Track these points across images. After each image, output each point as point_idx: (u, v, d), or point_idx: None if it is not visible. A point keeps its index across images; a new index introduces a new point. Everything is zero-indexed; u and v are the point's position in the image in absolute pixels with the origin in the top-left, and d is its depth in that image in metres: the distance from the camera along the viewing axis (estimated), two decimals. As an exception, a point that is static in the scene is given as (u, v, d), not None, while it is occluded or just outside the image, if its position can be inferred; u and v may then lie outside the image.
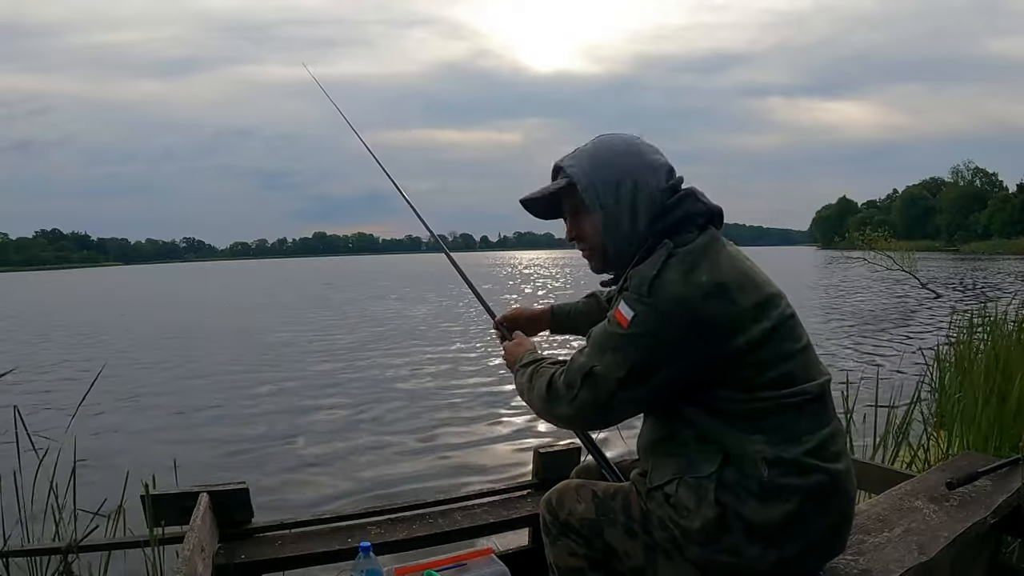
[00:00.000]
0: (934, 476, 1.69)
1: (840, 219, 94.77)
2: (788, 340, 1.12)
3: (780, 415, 1.09)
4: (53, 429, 2.48)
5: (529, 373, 1.29)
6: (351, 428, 5.40)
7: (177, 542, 1.52)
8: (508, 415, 5.62)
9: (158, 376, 8.04)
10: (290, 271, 58.04)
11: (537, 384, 1.23)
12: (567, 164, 1.22)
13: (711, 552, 1.09)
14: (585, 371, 1.13)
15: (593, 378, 1.12)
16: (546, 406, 1.21)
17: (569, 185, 1.21)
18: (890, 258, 17.49)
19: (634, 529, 1.19)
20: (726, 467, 1.08)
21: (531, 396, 1.26)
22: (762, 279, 1.15)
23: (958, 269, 29.65)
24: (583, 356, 1.16)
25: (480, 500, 1.94)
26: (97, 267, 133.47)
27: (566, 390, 1.16)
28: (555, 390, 1.18)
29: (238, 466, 4.40)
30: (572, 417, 1.18)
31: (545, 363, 1.28)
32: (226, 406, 6.33)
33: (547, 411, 1.22)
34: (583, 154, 1.23)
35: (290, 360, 9.05)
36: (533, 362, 1.32)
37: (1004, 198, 78.02)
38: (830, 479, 1.09)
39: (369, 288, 27.28)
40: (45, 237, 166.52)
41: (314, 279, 38.31)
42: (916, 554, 1.27)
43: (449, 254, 1.83)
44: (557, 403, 1.18)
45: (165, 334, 12.41)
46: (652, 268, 1.09)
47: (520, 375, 1.32)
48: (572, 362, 1.17)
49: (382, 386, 7.13)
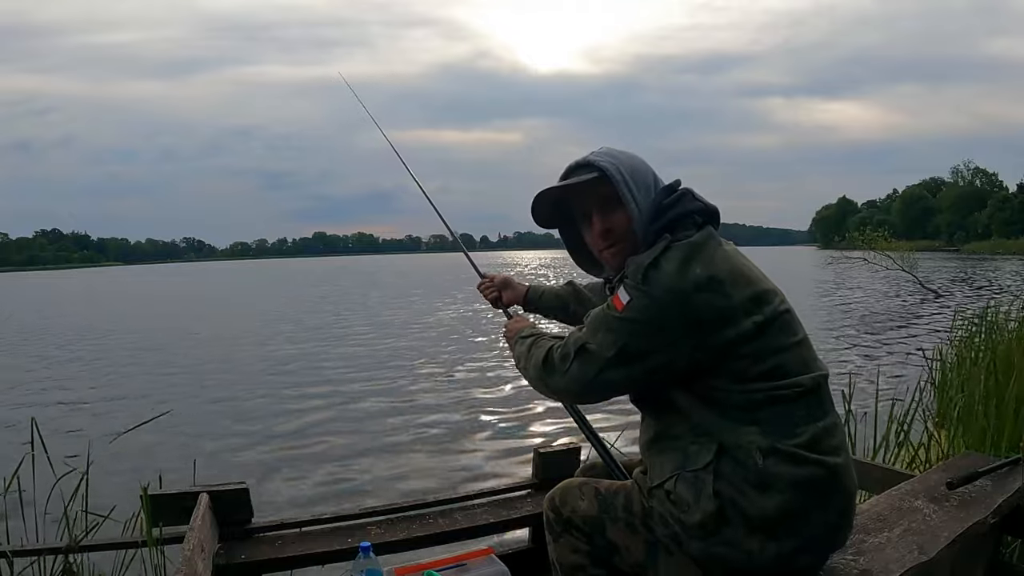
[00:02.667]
0: (934, 476, 1.69)
1: (840, 219, 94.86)
2: (782, 334, 1.13)
3: (773, 406, 1.10)
4: (55, 429, 2.48)
5: (528, 344, 1.33)
6: (351, 428, 5.40)
7: (177, 542, 1.52)
8: (508, 415, 5.62)
9: (158, 376, 8.04)
10: (294, 270, 58.04)
11: (535, 354, 1.28)
12: (595, 158, 1.23)
13: (711, 546, 1.10)
14: (579, 346, 1.17)
15: (586, 353, 1.16)
16: (540, 375, 1.26)
17: (600, 178, 1.21)
18: (890, 258, 17.50)
19: (635, 525, 1.21)
20: (722, 458, 1.10)
21: (527, 364, 1.31)
22: (756, 276, 1.17)
23: (958, 269, 29.65)
24: (579, 332, 1.20)
25: (480, 500, 1.94)
26: (97, 267, 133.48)
27: (560, 362, 1.20)
28: (550, 361, 1.23)
29: (238, 466, 4.40)
30: (563, 389, 1.22)
31: (544, 337, 1.33)
32: (226, 406, 6.33)
33: (541, 380, 1.26)
34: (603, 152, 1.25)
35: (290, 360, 9.05)
36: (532, 335, 1.36)
37: (1004, 198, 78.02)
38: (826, 472, 1.10)
39: (369, 288, 27.29)
40: (45, 237, 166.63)
41: (314, 279, 38.32)
42: (916, 554, 1.27)
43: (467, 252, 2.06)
44: (551, 374, 1.23)
45: (165, 334, 12.42)
46: (648, 257, 1.12)
47: (519, 344, 1.37)
48: (569, 337, 1.22)
49: (382, 386, 7.13)
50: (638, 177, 1.22)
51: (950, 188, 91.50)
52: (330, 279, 37.50)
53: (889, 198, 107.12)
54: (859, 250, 18.34)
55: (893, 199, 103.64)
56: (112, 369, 8.75)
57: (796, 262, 40.55)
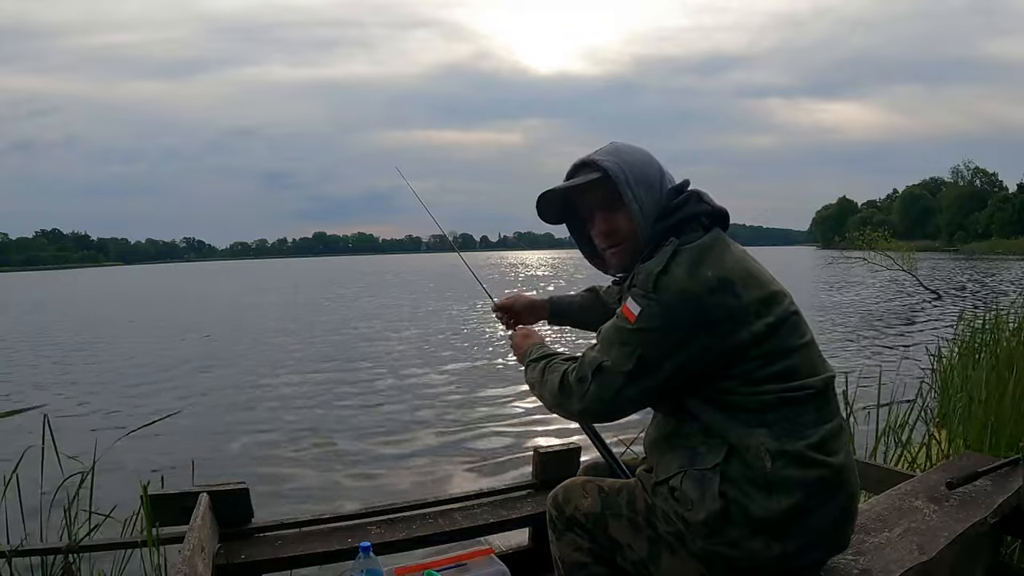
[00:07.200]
0: (934, 476, 1.69)
1: (840, 219, 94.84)
2: (791, 336, 1.13)
3: (783, 408, 1.10)
4: (55, 428, 2.48)
5: (541, 368, 1.30)
6: (351, 428, 5.40)
7: (177, 542, 1.52)
8: (508, 415, 5.62)
9: (158, 376, 8.04)
10: (295, 270, 58.03)
11: (549, 379, 1.25)
12: (599, 158, 1.22)
13: (714, 544, 1.10)
14: (595, 366, 1.15)
15: (603, 372, 1.14)
16: (558, 401, 1.22)
17: (603, 178, 1.21)
18: (890, 258, 17.49)
19: (638, 523, 1.20)
20: (730, 459, 1.09)
21: (542, 391, 1.28)
22: (766, 277, 1.16)
23: (958, 269, 29.64)
24: (593, 351, 1.18)
25: (480, 500, 1.94)
26: (97, 267, 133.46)
27: (578, 385, 1.17)
28: (567, 386, 1.20)
29: (238, 466, 4.41)
30: (583, 411, 1.19)
31: (557, 359, 1.30)
32: (226, 406, 6.33)
33: (559, 406, 1.23)
34: (607, 150, 1.24)
35: (290, 361, 9.05)
36: (544, 357, 1.33)
37: (1004, 198, 77.96)
38: (832, 474, 1.10)
39: (369, 288, 27.28)
40: (45, 237, 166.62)
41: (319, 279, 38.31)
42: (916, 554, 1.27)
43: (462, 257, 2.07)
44: (569, 399, 1.19)
45: (166, 335, 12.42)
46: (658, 264, 1.11)
47: (531, 369, 1.34)
48: (583, 358, 1.19)
49: (382, 386, 7.13)
50: (642, 175, 1.21)
51: (950, 188, 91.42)
52: (329, 280, 37.48)
53: (889, 198, 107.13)
54: (859, 250, 18.32)
55: (893, 199, 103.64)
56: (113, 370, 8.76)
57: (796, 262, 40.53)
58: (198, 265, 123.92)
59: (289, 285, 32.14)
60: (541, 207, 1.33)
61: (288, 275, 47.10)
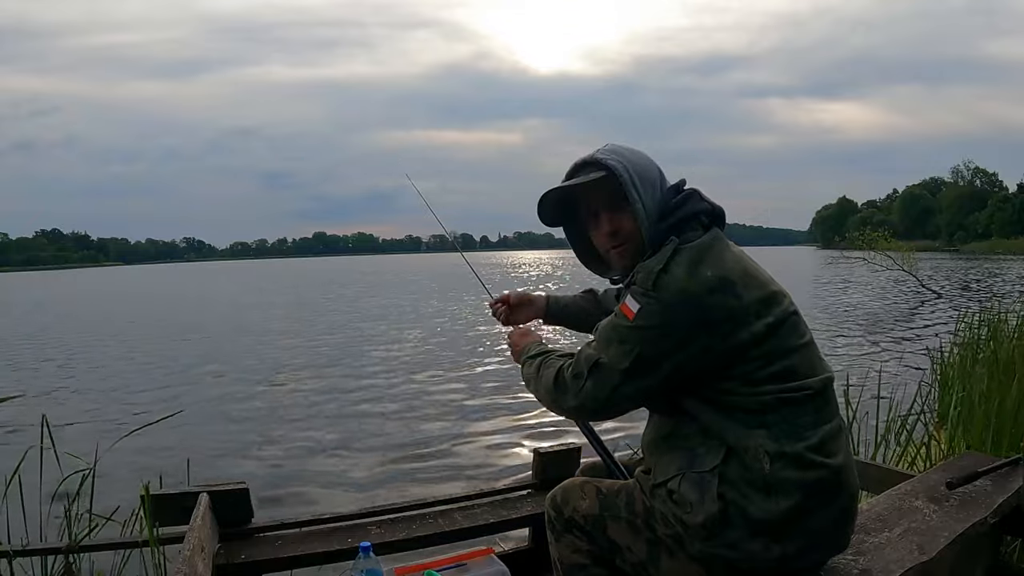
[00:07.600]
0: (934, 476, 1.69)
1: (840, 219, 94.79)
2: (790, 336, 1.13)
3: (782, 409, 1.10)
4: (55, 428, 2.48)
5: (537, 364, 1.30)
6: (351, 428, 5.40)
7: (177, 542, 1.52)
8: (508, 415, 5.61)
9: (159, 377, 8.03)
10: (295, 270, 58.01)
11: (544, 375, 1.25)
12: (602, 156, 1.21)
13: (713, 547, 1.10)
14: (592, 362, 1.14)
15: (600, 369, 1.13)
16: (553, 397, 1.22)
17: (606, 177, 1.20)
18: (890, 258, 17.49)
19: (637, 525, 1.20)
20: (729, 461, 1.09)
21: (538, 387, 1.27)
22: (765, 277, 1.16)
23: (959, 269, 29.64)
24: (590, 348, 1.17)
25: (480, 500, 1.94)
26: (97, 267, 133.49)
27: (573, 381, 1.17)
28: (562, 382, 1.19)
29: (238, 466, 4.40)
30: (578, 408, 1.19)
31: (553, 356, 1.29)
32: (227, 406, 6.32)
33: (554, 402, 1.23)
34: (608, 150, 1.23)
35: (291, 361, 9.05)
36: (540, 354, 1.32)
37: (1004, 198, 77.90)
38: (832, 475, 1.10)
39: (368, 287, 27.28)
40: (45, 237, 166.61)
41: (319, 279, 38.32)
42: (916, 554, 1.27)
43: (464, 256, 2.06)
44: (564, 395, 1.19)
45: (166, 335, 12.42)
46: (658, 263, 1.10)
47: (527, 366, 1.33)
48: (579, 354, 1.19)
49: (382, 386, 7.13)
50: (644, 175, 1.20)
51: (950, 188, 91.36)
52: (329, 280, 37.47)
53: (889, 198, 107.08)
54: (859, 250, 18.32)
55: (893, 199, 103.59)
56: (113, 369, 8.75)
57: (797, 262, 40.52)
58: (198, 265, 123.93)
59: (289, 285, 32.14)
60: (541, 207, 1.32)
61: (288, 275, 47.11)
